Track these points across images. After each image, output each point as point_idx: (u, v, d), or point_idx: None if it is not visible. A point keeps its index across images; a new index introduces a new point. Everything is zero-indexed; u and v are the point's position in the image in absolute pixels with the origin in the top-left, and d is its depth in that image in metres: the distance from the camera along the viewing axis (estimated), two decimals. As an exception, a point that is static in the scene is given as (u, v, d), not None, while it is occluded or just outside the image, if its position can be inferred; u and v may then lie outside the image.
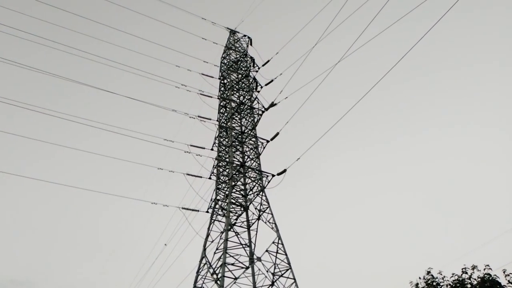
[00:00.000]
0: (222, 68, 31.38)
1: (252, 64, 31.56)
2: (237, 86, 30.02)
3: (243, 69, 31.36)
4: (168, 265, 27.20)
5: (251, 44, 33.96)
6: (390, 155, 72.62)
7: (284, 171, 23.27)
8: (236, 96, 29.57)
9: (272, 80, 28.29)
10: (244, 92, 29.60)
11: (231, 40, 34.25)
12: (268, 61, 30.20)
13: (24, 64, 21.61)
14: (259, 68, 30.81)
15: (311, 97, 18.28)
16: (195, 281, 20.35)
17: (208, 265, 20.25)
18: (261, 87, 29.01)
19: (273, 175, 24.03)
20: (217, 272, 19.25)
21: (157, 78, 26.69)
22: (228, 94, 29.31)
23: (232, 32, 35.14)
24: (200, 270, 20.70)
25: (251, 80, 29.95)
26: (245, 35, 34.88)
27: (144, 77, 26.30)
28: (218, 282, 18.48)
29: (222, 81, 30.70)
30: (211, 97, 28.43)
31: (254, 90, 29.35)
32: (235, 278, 19.79)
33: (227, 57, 32.31)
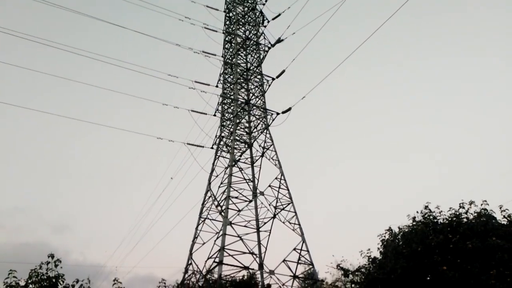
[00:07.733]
0: (228, 0, 29.87)
1: (259, -4, 29.91)
2: (243, 20, 28.80)
3: (249, 1, 29.83)
4: (174, 198, 28.25)
5: (258, -26, 31.90)
6: (395, 96, 71.63)
7: (289, 109, 23.09)
8: (242, 31, 28.49)
9: (279, 14, 26.98)
10: (250, 27, 28.46)
11: (237, -30, 32.16)
12: (276, -7, 28.58)
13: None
14: (266, 1, 29.26)
15: (319, 33, 17.49)
16: (200, 212, 21.27)
17: (213, 198, 21.00)
18: (268, 22, 27.79)
19: (277, 113, 23.92)
20: (221, 204, 20.02)
21: (160, 9, 25.61)
22: (234, 28, 28.21)
23: (238, -39, 32.87)
24: (205, 202, 21.53)
25: (257, 14, 28.61)
26: (252, -36, 32.63)
27: (147, 8, 25.23)
28: (223, 213, 19.28)
29: (228, 14, 29.41)
30: (216, 31, 27.41)
31: (260, 25, 28.17)
32: (239, 210, 20.63)
33: (233, -12, 30.58)
